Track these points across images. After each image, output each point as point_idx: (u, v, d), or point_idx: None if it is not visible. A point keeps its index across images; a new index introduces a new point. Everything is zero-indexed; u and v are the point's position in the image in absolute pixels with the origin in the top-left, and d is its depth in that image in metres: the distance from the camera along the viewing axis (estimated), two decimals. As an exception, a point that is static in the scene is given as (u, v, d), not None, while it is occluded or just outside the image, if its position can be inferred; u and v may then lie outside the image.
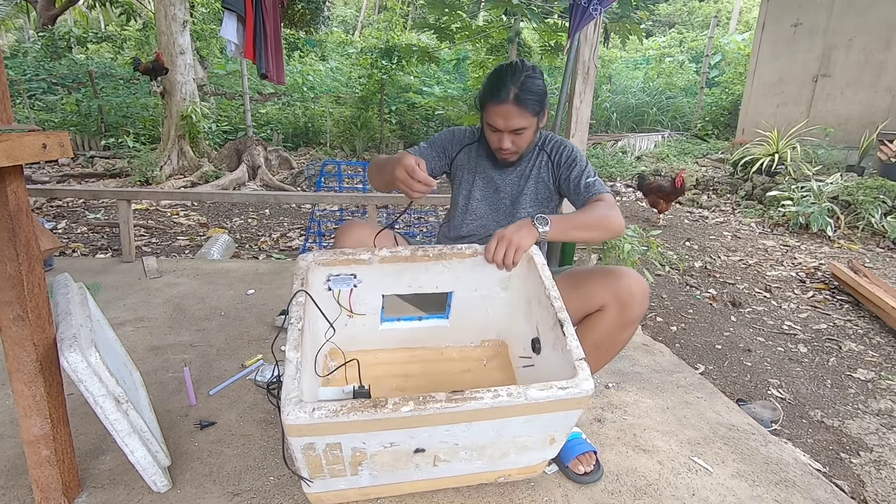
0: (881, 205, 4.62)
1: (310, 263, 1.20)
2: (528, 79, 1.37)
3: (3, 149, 0.90)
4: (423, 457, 1.07)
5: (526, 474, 1.28)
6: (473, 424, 1.00)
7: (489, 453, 1.12)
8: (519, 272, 1.32)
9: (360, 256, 1.23)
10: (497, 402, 0.96)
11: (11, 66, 9.19)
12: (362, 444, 0.99)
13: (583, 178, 1.43)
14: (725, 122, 9.74)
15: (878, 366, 2.53)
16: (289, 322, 1.06)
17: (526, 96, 1.35)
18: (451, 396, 0.95)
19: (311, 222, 4.07)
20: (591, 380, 1.01)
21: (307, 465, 1.01)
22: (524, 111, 1.36)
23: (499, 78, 1.38)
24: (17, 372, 1.07)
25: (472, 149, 1.56)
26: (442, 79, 10.18)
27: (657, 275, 3.59)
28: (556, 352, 1.14)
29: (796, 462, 1.49)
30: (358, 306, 1.31)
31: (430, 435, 1.01)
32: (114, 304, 2.34)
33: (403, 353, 1.43)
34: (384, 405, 0.92)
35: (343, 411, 0.91)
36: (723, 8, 17.78)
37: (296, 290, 1.12)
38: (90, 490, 1.25)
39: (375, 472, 1.09)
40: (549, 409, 1.01)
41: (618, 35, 6.04)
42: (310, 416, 0.90)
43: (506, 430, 1.06)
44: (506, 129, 1.38)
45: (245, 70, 7.08)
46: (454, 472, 1.16)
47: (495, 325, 1.44)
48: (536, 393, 0.97)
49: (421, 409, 0.93)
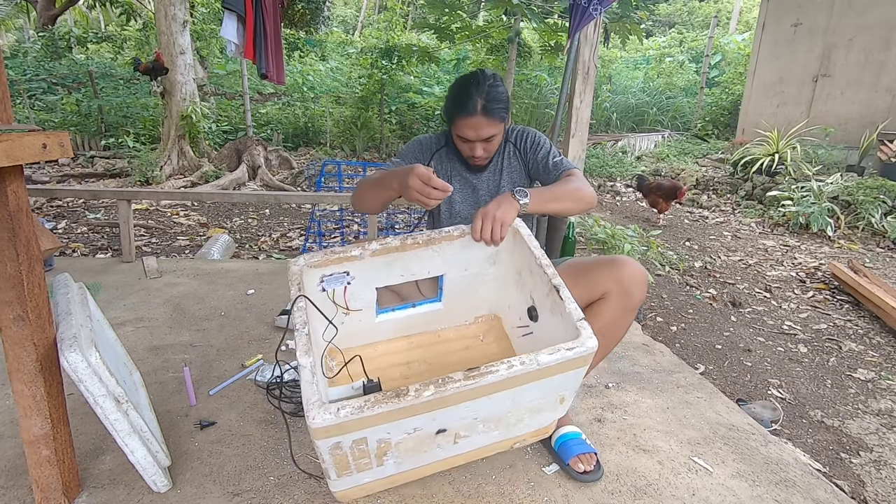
0: (881, 205, 4.62)
1: (302, 267, 1.20)
2: (492, 88, 1.40)
3: (3, 149, 0.90)
4: (444, 436, 1.09)
5: (539, 436, 1.32)
6: (492, 397, 1.03)
7: (505, 422, 1.15)
8: (506, 246, 1.34)
9: (351, 253, 1.23)
10: (512, 371, 0.99)
11: (11, 66, 9.19)
12: (387, 435, 1.00)
13: (549, 158, 1.50)
14: (725, 122, 9.74)
15: (878, 366, 2.53)
16: (294, 328, 1.07)
17: (492, 106, 1.39)
18: (469, 374, 0.97)
19: (311, 222, 4.07)
20: (594, 337, 1.06)
21: (334, 464, 1.01)
22: (492, 120, 1.40)
23: (463, 91, 1.41)
24: (17, 372, 1.07)
25: (443, 154, 1.58)
26: (442, 79, 10.18)
27: (657, 275, 3.59)
28: (554, 316, 1.18)
29: (796, 462, 1.49)
30: (353, 302, 1.31)
31: (451, 414, 1.03)
32: (114, 304, 2.34)
33: (402, 341, 1.45)
34: (406, 393, 0.93)
35: (368, 406, 0.92)
36: (723, 8, 17.78)
37: (294, 295, 1.12)
38: (90, 490, 1.25)
39: (400, 460, 1.10)
40: (559, 371, 1.06)
41: (618, 35, 6.04)
42: (336, 416, 0.90)
43: (521, 398, 1.09)
44: (477, 139, 1.42)
45: (245, 70, 7.08)
46: (473, 445, 1.19)
47: (486, 301, 1.48)
48: (546, 357, 1.01)
49: (442, 390, 0.95)
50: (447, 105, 1.47)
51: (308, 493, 1.27)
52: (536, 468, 1.37)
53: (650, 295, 3.28)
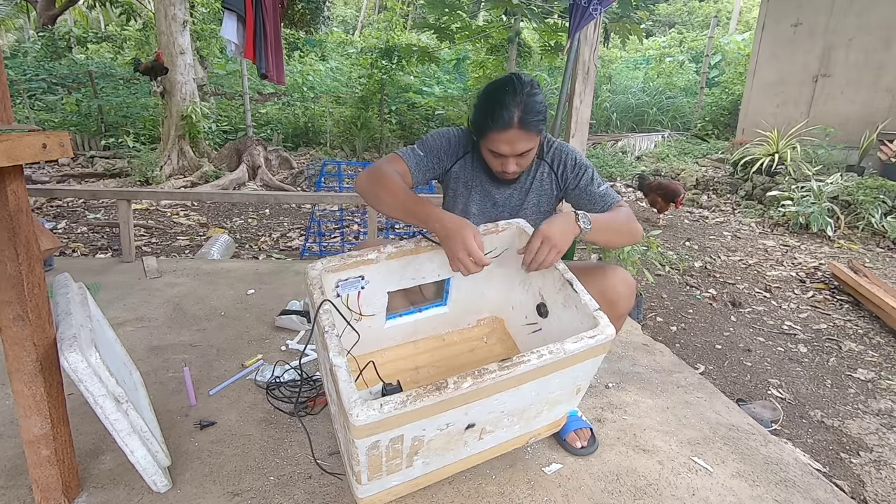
0: (881, 205, 4.62)
1: (320, 272, 1.19)
2: (530, 97, 1.27)
3: (3, 149, 0.90)
4: (471, 432, 1.11)
5: (552, 430, 1.36)
6: (521, 388, 1.06)
7: (527, 415, 1.18)
8: (514, 246, 1.35)
9: (367, 256, 1.23)
10: (542, 360, 1.03)
11: (11, 66, 9.20)
12: (422, 432, 1.02)
13: (594, 186, 1.41)
14: (725, 122, 9.74)
15: (878, 366, 2.53)
16: (321, 331, 1.05)
17: (531, 118, 1.26)
18: (503, 364, 1.00)
19: (311, 222, 4.07)
20: (611, 326, 1.11)
21: (368, 466, 1.02)
22: (530, 134, 1.28)
23: (499, 102, 1.26)
24: (17, 372, 1.07)
25: (467, 160, 1.46)
26: (442, 79, 10.18)
27: (657, 275, 3.59)
28: (568, 309, 1.21)
29: (796, 462, 1.49)
30: (366, 308, 1.32)
31: (482, 407, 1.05)
32: (114, 304, 2.34)
33: (408, 347, 1.46)
34: (446, 386, 0.96)
35: (410, 400, 0.93)
36: (723, 8, 17.78)
37: (319, 300, 1.10)
38: (90, 490, 1.25)
39: (428, 460, 1.11)
40: (581, 359, 1.10)
41: (618, 35, 6.04)
42: (379, 412, 0.91)
43: (544, 388, 1.12)
44: (511, 154, 1.30)
45: (245, 70, 7.09)
46: (495, 442, 1.22)
47: (488, 304, 1.49)
48: (572, 345, 1.05)
49: (479, 381, 0.98)
50: (477, 116, 1.32)
51: (308, 493, 1.27)
52: (536, 468, 1.37)
53: (650, 295, 3.28)
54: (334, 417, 1.23)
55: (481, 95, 1.33)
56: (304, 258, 3.77)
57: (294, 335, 2.09)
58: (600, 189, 1.40)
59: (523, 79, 1.29)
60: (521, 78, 1.29)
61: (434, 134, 1.44)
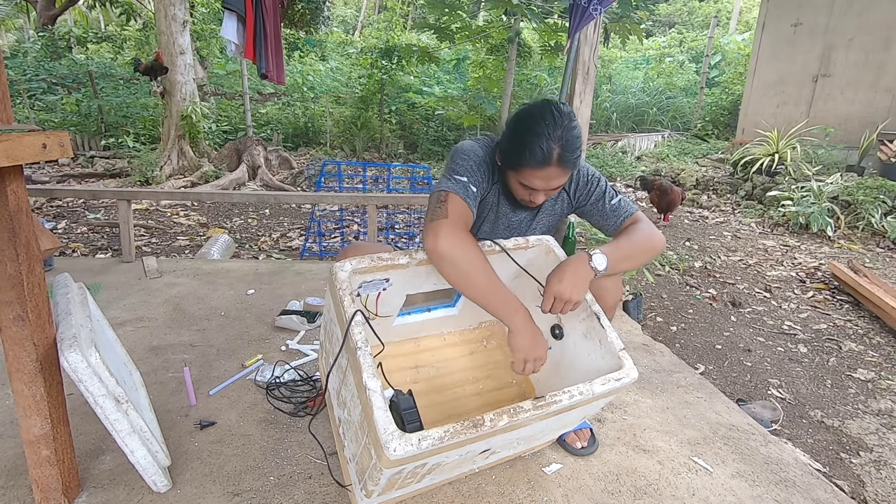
0: (881, 205, 4.62)
1: (349, 274, 1.10)
2: (569, 132, 1.16)
3: (3, 149, 0.90)
4: (484, 454, 1.13)
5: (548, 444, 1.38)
6: (544, 421, 1.08)
7: (536, 438, 1.21)
8: (536, 261, 1.33)
9: (399, 261, 1.16)
10: (573, 401, 1.05)
11: (11, 66, 9.19)
12: (445, 459, 1.01)
13: (606, 201, 1.34)
14: (725, 122, 9.74)
15: (878, 366, 2.53)
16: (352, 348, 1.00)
17: (570, 156, 1.16)
18: (537, 404, 1.01)
19: (311, 222, 4.07)
20: (635, 368, 1.13)
21: (385, 487, 1.02)
22: (567, 170, 1.19)
23: (537, 136, 1.15)
24: (17, 372, 1.07)
25: (496, 188, 1.35)
26: (442, 79, 10.17)
27: (657, 275, 3.59)
28: (589, 341, 1.22)
29: (796, 462, 1.49)
30: (383, 308, 1.30)
31: (504, 437, 1.06)
32: (114, 304, 2.34)
33: (410, 344, 1.46)
34: (482, 423, 0.95)
35: (448, 436, 0.92)
36: (723, 8, 17.77)
37: (351, 310, 1.02)
38: (90, 490, 1.25)
39: (436, 477, 1.12)
40: (603, 397, 1.12)
41: (618, 35, 6.04)
42: (417, 447, 0.89)
43: (562, 420, 1.14)
44: (544, 189, 1.22)
45: (245, 70, 7.08)
46: (498, 458, 1.24)
47: None
48: (600, 388, 1.08)
49: (514, 420, 0.98)
50: (510, 146, 1.21)
51: (308, 493, 1.27)
52: (536, 468, 1.37)
53: (650, 295, 3.28)
54: (336, 421, 1.23)
55: (516, 124, 1.21)
56: (304, 258, 3.77)
57: (294, 335, 2.09)
58: (612, 203, 1.34)
59: (563, 110, 1.18)
60: (560, 109, 1.18)
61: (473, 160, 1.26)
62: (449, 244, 1.09)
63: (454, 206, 1.15)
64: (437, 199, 1.17)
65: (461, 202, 1.16)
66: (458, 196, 1.17)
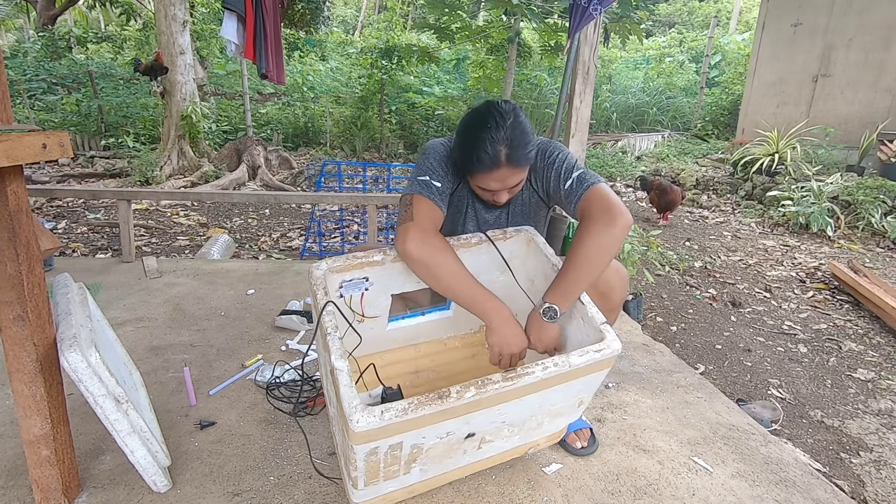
0: (881, 205, 4.62)
1: (325, 272, 1.18)
2: (514, 129, 1.15)
3: (3, 149, 0.90)
4: (471, 441, 1.10)
5: (552, 441, 1.34)
6: (524, 399, 1.05)
7: (528, 426, 1.17)
8: (519, 253, 1.34)
9: (373, 258, 1.21)
10: (546, 373, 1.01)
11: (11, 66, 9.19)
12: (422, 440, 1.01)
13: (562, 182, 1.25)
14: (725, 122, 9.74)
15: (878, 366, 2.53)
16: (323, 333, 1.05)
17: (518, 153, 1.16)
18: (507, 376, 0.99)
19: (311, 222, 4.07)
20: (618, 340, 1.09)
21: (366, 472, 1.01)
22: (520, 168, 1.19)
23: (482, 141, 1.15)
24: (17, 372, 1.07)
25: (460, 188, 1.38)
26: (442, 79, 10.18)
27: (657, 275, 3.59)
28: (573, 320, 1.20)
29: (796, 462, 1.49)
30: (369, 309, 1.31)
31: (483, 417, 1.04)
32: (114, 304, 2.34)
33: (410, 350, 1.45)
34: (448, 395, 0.95)
35: (412, 408, 0.92)
36: (723, 8, 17.77)
37: (322, 301, 1.10)
38: (90, 490, 1.25)
39: (426, 467, 1.11)
40: (586, 373, 1.09)
41: (618, 35, 6.04)
42: (380, 419, 0.90)
43: (547, 401, 1.11)
44: (502, 189, 1.24)
45: (245, 70, 7.08)
46: (494, 451, 1.21)
47: None
48: (577, 359, 1.04)
49: (482, 392, 0.97)
50: (460, 155, 1.22)
51: (308, 493, 1.27)
52: (536, 468, 1.37)
53: (650, 295, 3.28)
54: (332, 419, 1.23)
55: (461, 131, 1.21)
56: (304, 258, 3.77)
57: (294, 335, 2.09)
58: (566, 188, 1.24)
59: (503, 108, 1.17)
60: (500, 108, 1.18)
61: (434, 158, 1.28)
62: (416, 245, 1.14)
63: (419, 208, 1.19)
64: (404, 203, 1.22)
65: (426, 202, 1.20)
66: (423, 196, 1.21)
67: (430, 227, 1.19)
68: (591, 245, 1.13)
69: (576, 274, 1.13)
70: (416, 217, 1.18)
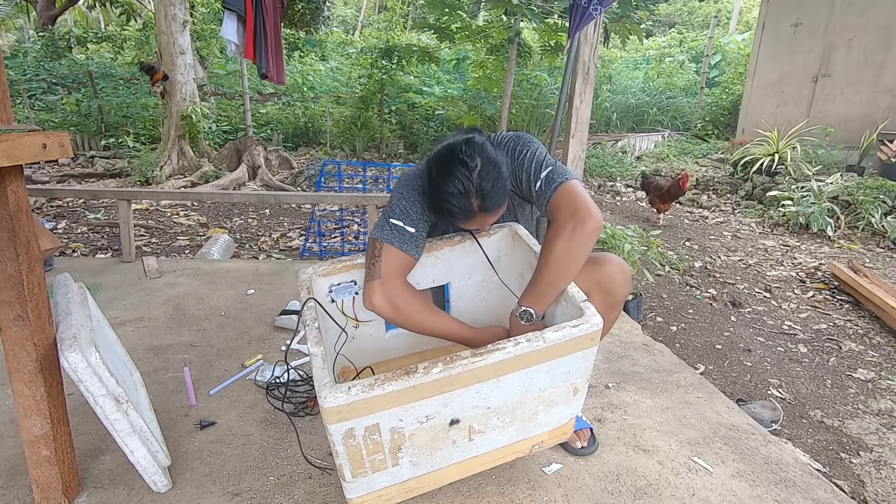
0: (881, 205, 4.62)
1: (311, 276, 1.24)
2: (483, 178, 1.10)
3: (3, 149, 0.90)
4: (458, 430, 1.09)
5: (557, 438, 1.29)
6: (501, 380, 1.03)
7: (520, 415, 1.14)
8: (506, 251, 1.34)
9: (357, 261, 1.25)
10: (518, 349, 1.00)
11: (11, 66, 9.19)
12: (399, 423, 1.00)
13: (532, 184, 1.21)
14: (725, 122, 9.74)
15: (878, 366, 2.53)
16: (303, 325, 1.11)
17: (490, 202, 1.13)
18: (476, 352, 0.98)
19: (311, 222, 4.07)
20: (598, 315, 1.07)
21: (349, 458, 1.01)
22: (495, 213, 1.18)
23: (451, 196, 1.11)
24: (17, 372, 1.07)
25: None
26: (442, 79, 10.17)
27: (657, 275, 3.59)
28: (558, 305, 1.19)
29: (796, 462, 1.49)
30: (362, 314, 1.31)
31: (462, 399, 1.03)
32: (114, 304, 2.34)
33: (413, 358, 1.44)
34: (415, 371, 0.95)
35: (378, 384, 0.93)
36: (723, 8, 17.78)
37: (305, 298, 1.16)
38: (90, 490, 1.25)
39: (415, 459, 1.09)
40: (566, 351, 1.06)
41: (618, 35, 6.04)
42: (347, 394, 0.91)
43: (532, 384, 1.09)
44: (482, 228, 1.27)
45: (245, 70, 7.08)
46: (490, 445, 1.17)
47: (494, 312, 1.46)
48: (552, 335, 1.02)
49: (450, 367, 0.96)
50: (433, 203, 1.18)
51: (308, 493, 1.27)
52: (536, 468, 1.37)
53: (650, 295, 3.28)
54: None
55: (429, 184, 1.16)
56: (305, 258, 3.77)
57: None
58: (536, 187, 1.21)
59: (467, 153, 1.11)
60: (463, 154, 1.11)
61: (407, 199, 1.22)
62: (381, 302, 1.17)
63: (387, 261, 1.17)
64: (371, 250, 1.19)
65: (396, 252, 1.18)
66: (393, 246, 1.18)
67: (397, 279, 1.18)
68: (562, 248, 1.12)
69: (548, 277, 1.14)
70: (384, 272, 1.17)
